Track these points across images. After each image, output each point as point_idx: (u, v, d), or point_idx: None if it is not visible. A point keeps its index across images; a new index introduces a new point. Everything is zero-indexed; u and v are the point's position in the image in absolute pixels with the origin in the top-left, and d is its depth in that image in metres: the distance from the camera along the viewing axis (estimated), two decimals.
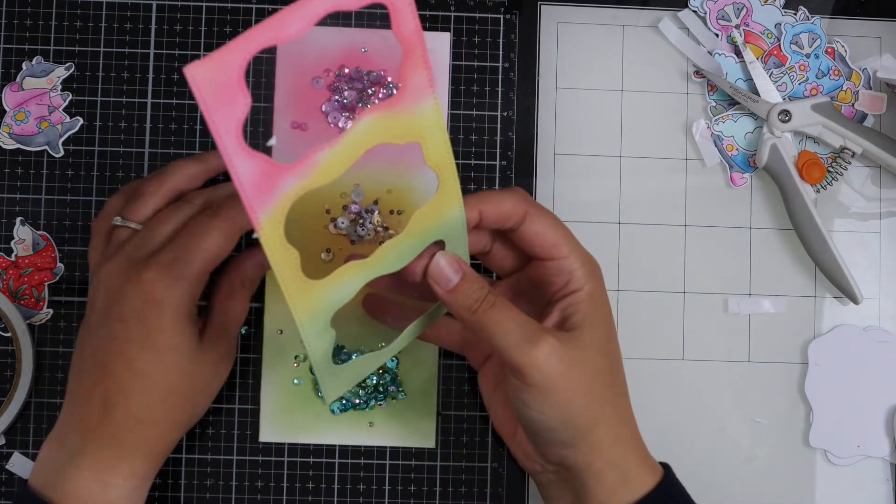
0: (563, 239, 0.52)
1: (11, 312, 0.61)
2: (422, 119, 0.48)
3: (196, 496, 0.61)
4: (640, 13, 0.65)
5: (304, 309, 0.49)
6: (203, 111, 0.41)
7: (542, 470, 0.55)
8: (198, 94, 0.41)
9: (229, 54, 0.42)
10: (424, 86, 0.48)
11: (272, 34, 0.43)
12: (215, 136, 0.42)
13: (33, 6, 0.63)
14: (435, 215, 0.50)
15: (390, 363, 0.61)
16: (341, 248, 0.62)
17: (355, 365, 0.55)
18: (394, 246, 0.50)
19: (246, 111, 0.42)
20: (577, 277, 0.52)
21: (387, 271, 0.51)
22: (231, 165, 0.43)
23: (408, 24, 0.46)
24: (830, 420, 0.63)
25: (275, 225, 0.46)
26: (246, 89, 0.42)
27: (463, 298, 0.51)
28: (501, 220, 0.52)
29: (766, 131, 0.63)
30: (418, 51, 0.47)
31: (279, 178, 0.45)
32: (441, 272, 0.51)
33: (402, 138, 0.48)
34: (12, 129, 0.62)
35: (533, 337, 0.49)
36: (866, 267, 0.64)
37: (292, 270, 0.48)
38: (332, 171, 0.47)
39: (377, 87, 0.62)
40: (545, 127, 0.64)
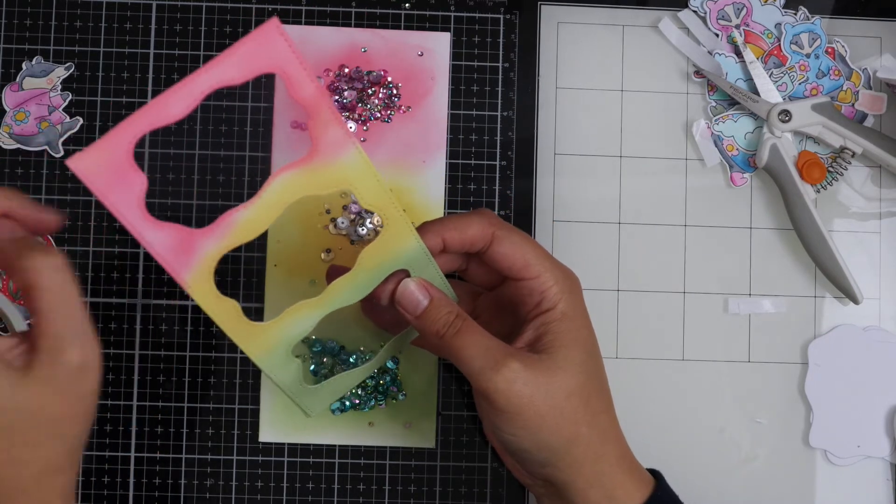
0: (534, 259, 0.52)
1: (11, 312, 0.60)
2: (347, 169, 0.48)
3: (196, 496, 0.61)
4: (640, 13, 0.65)
5: (257, 348, 0.50)
6: (99, 198, 0.42)
7: (532, 483, 0.55)
8: (88, 183, 0.42)
9: (113, 140, 0.43)
10: (341, 139, 0.47)
11: (155, 117, 0.43)
12: (119, 218, 0.43)
13: (33, 6, 0.63)
14: (386, 250, 0.50)
15: (391, 364, 0.61)
16: (341, 248, 0.62)
17: (332, 383, 0.55)
18: (346, 283, 0.50)
19: (143, 188, 0.44)
20: (549, 296, 0.51)
21: (342, 305, 0.51)
22: (142, 239, 0.44)
23: (305, 87, 0.46)
24: (830, 420, 0.63)
25: (203, 281, 0.46)
26: (138, 169, 0.43)
27: (430, 324, 0.51)
28: (466, 246, 0.52)
29: (766, 131, 0.63)
30: (324, 109, 0.46)
31: (195, 241, 0.46)
32: (409, 297, 0.51)
33: (327, 188, 0.48)
34: (12, 129, 0.62)
35: (496, 363, 0.49)
36: (866, 267, 0.64)
37: (234, 320, 0.48)
38: (252, 229, 0.47)
39: (377, 87, 0.62)
40: (545, 127, 0.64)
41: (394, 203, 0.49)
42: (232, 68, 0.44)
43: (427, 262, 0.52)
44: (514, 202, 0.63)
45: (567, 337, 0.51)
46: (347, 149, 0.47)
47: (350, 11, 0.64)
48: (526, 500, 0.62)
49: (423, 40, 0.64)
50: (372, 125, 0.62)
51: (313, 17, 0.63)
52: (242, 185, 0.63)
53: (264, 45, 0.45)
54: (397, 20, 0.64)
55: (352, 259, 0.61)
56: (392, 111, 0.62)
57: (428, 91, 0.63)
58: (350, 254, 0.61)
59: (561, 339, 0.51)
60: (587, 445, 0.51)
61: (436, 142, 0.63)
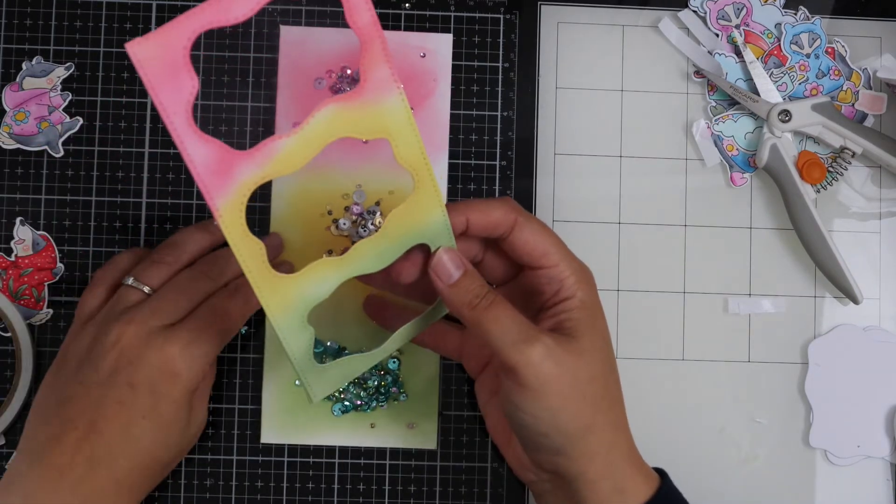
0: (553, 247, 0.52)
1: (11, 312, 0.60)
2: (389, 115, 0.47)
3: (196, 496, 0.61)
4: (640, 13, 0.65)
5: (276, 304, 0.48)
6: (148, 90, 0.41)
7: (536, 479, 0.55)
8: (141, 71, 0.41)
9: (172, 32, 0.42)
10: (387, 80, 0.46)
11: (215, 16, 0.43)
12: (164, 117, 0.42)
13: (33, 6, 0.63)
14: (413, 217, 0.50)
15: (391, 364, 0.61)
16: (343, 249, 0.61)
17: (343, 364, 0.54)
18: (371, 245, 0.50)
19: (193, 93, 0.42)
20: (568, 285, 0.52)
21: (365, 271, 0.50)
22: (183, 148, 0.43)
23: (363, 15, 0.46)
24: (830, 420, 0.63)
25: (235, 213, 0.45)
26: (192, 71, 0.42)
27: (463, 294, 0.50)
28: (490, 229, 0.52)
29: (766, 131, 0.63)
30: (377, 43, 0.46)
31: (235, 164, 0.45)
32: (443, 266, 0.51)
33: (368, 133, 0.47)
34: (12, 129, 0.62)
35: (529, 337, 0.49)
36: (866, 267, 0.64)
37: (257, 262, 0.47)
38: (292, 161, 0.46)
39: None
40: (545, 127, 0.64)
41: (427, 164, 0.49)
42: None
43: (448, 239, 0.51)
44: None
45: (587, 324, 0.51)
46: (391, 92, 0.47)
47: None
48: (526, 500, 0.62)
49: (425, 41, 0.63)
50: None
51: (313, 18, 0.63)
52: None
53: None
54: (397, 20, 0.64)
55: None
56: None
57: (430, 92, 0.63)
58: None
59: (582, 325, 0.51)
60: (602, 434, 0.51)
61: (437, 142, 0.63)
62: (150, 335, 0.53)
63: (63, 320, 0.62)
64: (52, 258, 0.62)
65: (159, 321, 0.54)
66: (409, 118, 0.48)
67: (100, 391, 0.52)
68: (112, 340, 0.53)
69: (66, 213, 0.62)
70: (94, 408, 0.52)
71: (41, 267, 0.62)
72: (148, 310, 0.54)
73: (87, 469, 0.51)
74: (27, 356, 0.60)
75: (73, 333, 0.56)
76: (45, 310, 0.62)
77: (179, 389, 0.53)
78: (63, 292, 0.62)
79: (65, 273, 0.62)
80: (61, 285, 0.62)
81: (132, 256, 0.58)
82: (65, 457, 0.51)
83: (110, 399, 0.52)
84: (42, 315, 0.62)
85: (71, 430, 0.52)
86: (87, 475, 0.51)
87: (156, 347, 0.53)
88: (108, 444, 0.52)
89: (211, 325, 0.54)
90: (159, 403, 0.53)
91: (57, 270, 0.62)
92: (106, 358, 0.53)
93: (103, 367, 0.53)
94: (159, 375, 0.52)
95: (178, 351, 0.53)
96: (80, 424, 0.52)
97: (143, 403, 0.52)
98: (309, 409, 0.61)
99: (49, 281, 0.62)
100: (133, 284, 0.55)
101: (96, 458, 0.51)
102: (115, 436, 0.52)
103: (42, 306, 0.62)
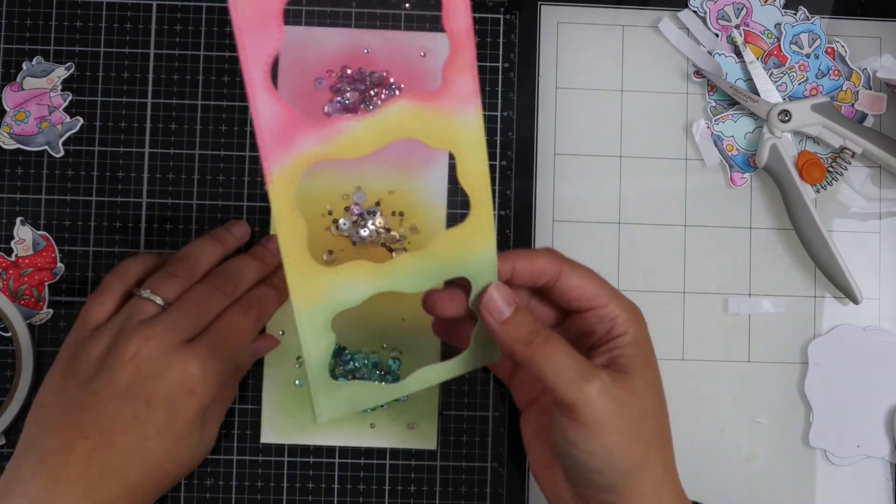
0: (601, 289, 0.52)
1: (11, 312, 0.60)
2: (462, 129, 0.46)
3: (196, 496, 0.61)
4: (640, 13, 0.65)
5: (304, 294, 0.46)
6: (235, 34, 0.40)
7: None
8: (233, 11, 0.40)
9: None
10: (469, 93, 0.46)
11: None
12: (243, 65, 0.41)
13: (33, 6, 0.63)
14: (463, 244, 0.48)
15: (391, 364, 0.61)
16: (342, 249, 0.62)
17: (356, 387, 0.51)
18: (412, 262, 0.48)
19: (278, 48, 0.41)
20: (619, 323, 0.51)
21: (402, 289, 0.49)
22: (253, 101, 0.42)
23: (460, 20, 0.45)
24: (830, 420, 0.63)
25: (286, 183, 0.44)
26: (282, 26, 0.41)
27: (517, 330, 0.49)
28: (535, 277, 0.51)
29: (766, 131, 0.63)
30: (467, 52, 0.45)
31: (299, 132, 0.44)
32: (495, 303, 0.50)
33: (436, 141, 0.46)
34: (12, 129, 0.62)
35: (586, 374, 0.48)
36: (866, 267, 0.64)
37: (297, 242, 0.45)
38: (355, 145, 0.45)
39: (379, 88, 0.62)
40: (545, 127, 0.64)
41: (488, 192, 0.47)
42: None
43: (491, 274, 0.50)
44: (514, 202, 0.63)
45: (640, 360, 0.51)
46: (470, 107, 0.46)
47: (350, 12, 0.64)
48: (526, 500, 0.62)
49: (426, 41, 0.63)
50: None
51: (313, 18, 0.63)
52: (242, 185, 0.63)
53: None
54: (397, 20, 0.64)
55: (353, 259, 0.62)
56: None
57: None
58: (351, 255, 0.61)
59: (635, 361, 0.51)
60: (652, 472, 0.50)
61: None
62: (168, 351, 0.53)
63: (63, 320, 0.62)
64: (53, 258, 0.62)
65: (177, 337, 0.54)
66: (481, 138, 0.46)
67: (114, 404, 0.52)
68: (130, 354, 0.53)
69: (66, 213, 0.62)
70: (108, 420, 0.52)
71: (41, 267, 0.62)
72: (166, 325, 0.54)
73: (98, 478, 0.51)
74: (27, 356, 0.60)
75: (81, 339, 0.55)
76: (46, 310, 0.62)
77: (194, 407, 0.53)
78: (63, 292, 0.62)
79: (65, 273, 0.62)
80: (61, 285, 0.62)
81: (142, 264, 0.58)
82: (75, 467, 0.51)
83: (125, 412, 0.52)
84: (42, 315, 0.62)
85: (81, 440, 0.51)
86: (99, 484, 0.51)
87: (175, 364, 0.53)
88: (122, 456, 0.52)
89: (227, 342, 0.55)
90: (174, 420, 0.53)
91: (57, 270, 0.62)
92: (122, 371, 0.52)
93: (119, 380, 0.52)
94: (177, 392, 0.52)
95: (197, 369, 0.53)
96: (92, 434, 0.51)
97: (158, 419, 0.52)
98: (309, 409, 0.61)
99: (49, 281, 0.62)
100: (148, 297, 0.55)
101: (110, 468, 0.51)
102: (128, 448, 0.52)
103: (42, 306, 0.62)
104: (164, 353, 0.53)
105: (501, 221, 0.63)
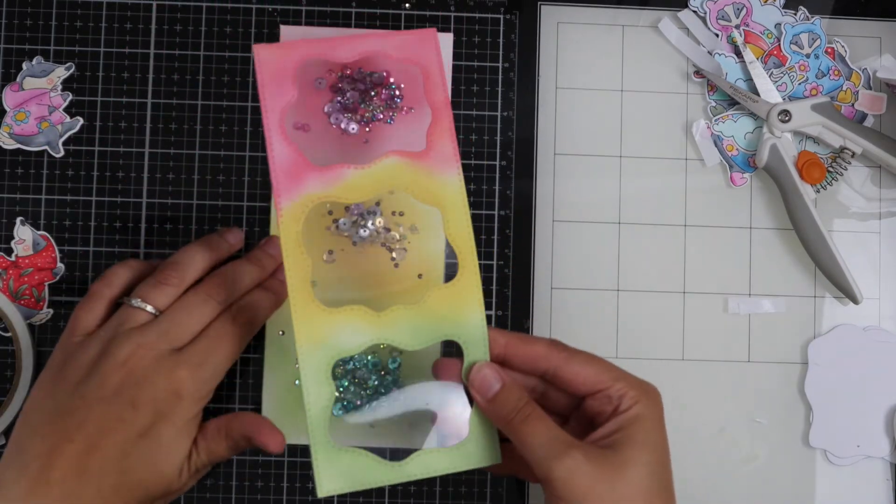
0: (606, 372, 0.52)
1: (11, 312, 0.61)
2: (445, 188, 0.53)
3: (196, 496, 0.61)
4: (640, 13, 0.65)
5: (307, 333, 0.50)
6: (259, 87, 0.52)
7: None
8: (259, 69, 0.52)
9: (290, 49, 0.52)
10: (450, 157, 0.53)
11: (325, 51, 0.53)
12: (263, 112, 0.52)
13: (33, 6, 0.63)
14: (453, 303, 0.52)
15: (391, 364, 0.61)
16: (343, 249, 0.62)
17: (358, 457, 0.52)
18: (408, 315, 0.52)
19: (291, 102, 0.52)
20: (626, 399, 0.51)
21: (399, 344, 0.52)
22: (269, 143, 0.51)
23: (438, 93, 0.54)
24: (830, 420, 0.63)
25: (294, 219, 0.51)
26: (295, 84, 0.52)
27: (500, 408, 0.51)
28: (532, 362, 0.53)
29: (766, 131, 0.63)
30: (445, 121, 0.53)
31: (307, 175, 0.51)
32: (482, 380, 0.52)
33: (423, 197, 0.53)
34: (12, 129, 0.62)
35: (559, 451, 0.49)
36: (866, 267, 0.64)
37: (301, 278, 0.50)
38: (354, 191, 0.52)
39: (379, 88, 0.62)
40: (545, 127, 0.64)
41: (472, 251, 0.53)
42: (392, 45, 0.54)
43: (484, 351, 0.53)
44: (514, 202, 0.63)
45: (638, 437, 0.50)
46: (451, 169, 0.53)
47: (350, 11, 0.64)
48: (526, 500, 0.62)
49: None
50: (374, 126, 0.62)
51: (313, 18, 0.63)
52: (242, 185, 0.63)
53: (422, 43, 0.54)
54: (397, 20, 0.64)
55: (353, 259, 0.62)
56: (394, 112, 0.62)
57: None
58: (352, 255, 0.61)
59: (632, 438, 0.50)
60: None
61: None
62: (159, 358, 0.53)
63: (63, 320, 0.62)
64: (53, 258, 0.62)
65: (168, 345, 0.54)
66: (463, 197, 0.53)
67: (102, 408, 0.52)
68: (121, 360, 0.53)
69: (66, 213, 0.62)
70: (93, 424, 0.52)
71: (41, 267, 0.62)
72: (158, 332, 0.54)
73: (76, 483, 0.51)
74: (27, 356, 0.60)
75: (71, 346, 0.55)
76: (46, 310, 0.62)
77: (181, 413, 0.53)
78: (63, 292, 0.62)
79: (65, 273, 0.62)
80: (61, 285, 0.62)
81: (129, 271, 0.58)
82: (57, 471, 0.51)
83: (111, 416, 0.52)
84: (42, 315, 0.62)
85: (67, 444, 0.51)
86: (76, 489, 0.51)
87: (165, 370, 0.53)
88: (102, 459, 0.51)
89: (217, 350, 0.55)
90: (159, 424, 0.53)
91: (57, 270, 0.62)
92: (112, 376, 0.53)
93: (108, 385, 0.52)
94: (164, 396, 0.53)
95: (187, 375, 0.53)
96: (78, 438, 0.51)
97: (142, 422, 0.52)
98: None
99: (49, 281, 0.62)
100: (139, 306, 0.55)
101: (87, 472, 0.51)
102: (109, 452, 0.52)
103: (42, 306, 0.62)
104: (155, 360, 0.53)
105: (501, 221, 0.63)
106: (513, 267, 0.63)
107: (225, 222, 0.62)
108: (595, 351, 0.52)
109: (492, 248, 0.63)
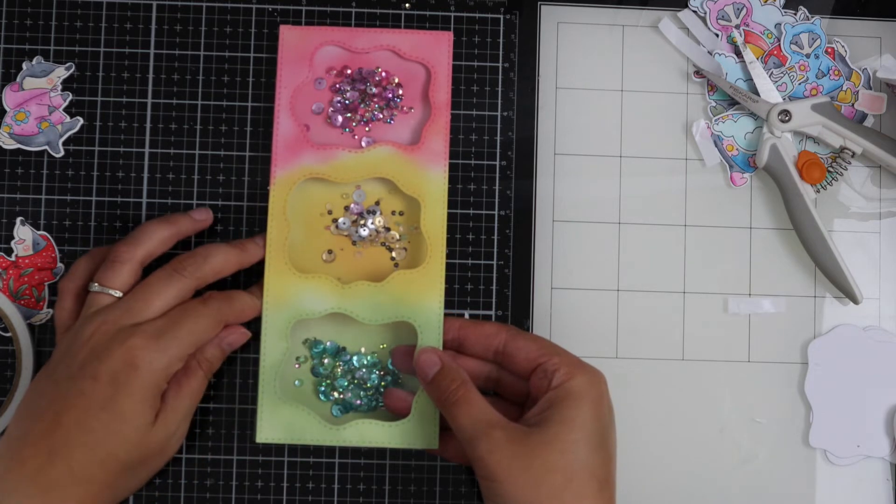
0: (545, 347, 0.55)
1: (11, 312, 0.61)
2: (429, 183, 0.59)
3: (196, 496, 0.61)
4: (640, 13, 0.65)
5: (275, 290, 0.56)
6: (278, 64, 0.60)
7: None
8: (281, 48, 0.60)
9: (313, 32, 0.60)
10: (439, 154, 0.59)
11: (345, 39, 0.61)
12: (277, 87, 0.60)
13: (33, 6, 0.63)
14: (415, 286, 0.58)
15: (391, 364, 0.61)
16: (342, 249, 0.62)
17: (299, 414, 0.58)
18: (369, 291, 0.58)
19: (304, 82, 0.59)
20: (558, 375, 0.53)
21: (357, 316, 0.58)
22: (276, 116, 0.59)
23: (441, 93, 0.60)
24: (830, 420, 0.63)
25: (284, 188, 0.58)
26: (311, 66, 0.60)
27: (436, 389, 0.55)
28: (484, 340, 0.57)
29: (766, 131, 0.63)
30: (443, 119, 0.59)
31: (304, 149, 0.59)
32: (424, 362, 0.56)
33: (407, 187, 0.59)
34: (12, 129, 0.62)
35: (482, 431, 0.51)
36: (866, 267, 0.64)
37: (280, 242, 0.58)
38: (344, 172, 0.58)
39: (379, 87, 0.62)
40: (545, 127, 0.64)
41: (443, 246, 0.58)
42: (407, 42, 0.61)
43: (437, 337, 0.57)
44: (514, 202, 0.63)
45: (566, 414, 0.51)
46: (439, 165, 0.59)
47: (350, 11, 0.64)
48: None
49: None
50: (374, 125, 0.62)
51: (313, 17, 0.63)
52: (242, 185, 0.63)
53: (436, 45, 0.61)
54: (397, 20, 0.64)
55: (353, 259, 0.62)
56: (394, 112, 0.62)
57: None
58: (351, 254, 0.61)
59: (560, 414, 0.51)
60: None
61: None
62: (119, 331, 0.54)
63: None
64: (53, 258, 0.62)
65: (130, 320, 0.54)
66: (444, 193, 0.59)
67: (67, 384, 0.53)
68: (84, 339, 0.54)
69: (66, 213, 0.62)
70: (60, 401, 0.53)
71: (41, 267, 0.62)
72: (121, 309, 0.55)
73: (45, 460, 0.52)
74: (27, 356, 0.61)
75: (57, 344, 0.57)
76: (46, 310, 0.62)
77: (139, 383, 0.53)
78: None
79: (65, 273, 0.62)
80: None
81: (90, 260, 0.58)
82: (28, 449, 0.52)
83: (74, 391, 0.53)
84: (42, 315, 0.62)
85: (38, 423, 0.52)
86: (45, 466, 0.51)
87: (119, 341, 0.53)
88: (67, 434, 0.52)
89: (178, 325, 0.55)
90: (117, 395, 0.53)
91: (57, 270, 0.62)
92: (78, 354, 0.54)
93: (74, 364, 0.54)
94: (121, 367, 0.53)
95: (140, 342, 0.53)
96: (46, 417, 0.52)
97: (102, 394, 0.53)
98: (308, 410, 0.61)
99: (49, 281, 0.62)
100: (98, 290, 0.56)
101: (55, 449, 0.52)
102: (72, 426, 0.52)
103: (42, 306, 0.62)
104: (114, 333, 0.54)
105: (501, 221, 0.63)
106: (513, 267, 0.63)
107: (225, 222, 0.62)
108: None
109: (492, 248, 0.63)
